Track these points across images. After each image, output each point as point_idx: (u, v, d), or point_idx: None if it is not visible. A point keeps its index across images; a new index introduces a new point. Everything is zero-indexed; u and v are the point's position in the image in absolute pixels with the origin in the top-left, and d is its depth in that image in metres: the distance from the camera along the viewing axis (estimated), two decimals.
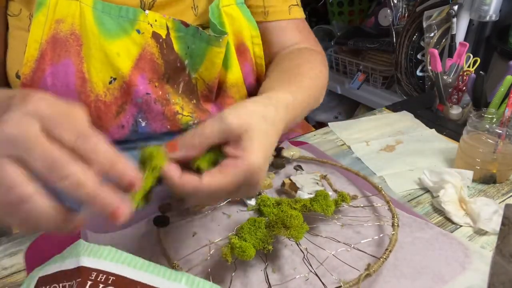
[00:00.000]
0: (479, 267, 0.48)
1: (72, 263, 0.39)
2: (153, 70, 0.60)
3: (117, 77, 0.58)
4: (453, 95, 0.82)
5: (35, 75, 0.55)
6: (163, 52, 0.60)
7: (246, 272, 0.48)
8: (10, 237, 0.55)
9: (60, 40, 0.54)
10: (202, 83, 0.63)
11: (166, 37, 0.59)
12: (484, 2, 1.01)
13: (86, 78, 0.56)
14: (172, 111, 0.62)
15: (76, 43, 0.55)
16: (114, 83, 0.57)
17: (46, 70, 0.55)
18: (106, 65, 0.57)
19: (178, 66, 0.61)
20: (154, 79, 0.60)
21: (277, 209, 0.50)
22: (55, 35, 0.54)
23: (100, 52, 0.56)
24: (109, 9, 0.56)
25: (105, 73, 0.57)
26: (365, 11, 1.87)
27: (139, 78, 0.59)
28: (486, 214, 0.54)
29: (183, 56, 0.61)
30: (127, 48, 0.58)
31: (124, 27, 0.57)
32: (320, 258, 0.48)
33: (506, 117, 0.63)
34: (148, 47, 0.59)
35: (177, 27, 0.60)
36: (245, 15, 0.65)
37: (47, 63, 0.55)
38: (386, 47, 1.59)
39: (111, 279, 0.37)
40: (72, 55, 0.55)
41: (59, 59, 0.55)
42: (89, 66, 0.56)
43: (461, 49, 0.81)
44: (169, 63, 0.60)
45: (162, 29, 0.59)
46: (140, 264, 0.39)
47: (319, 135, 0.80)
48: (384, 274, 0.47)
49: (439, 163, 0.70)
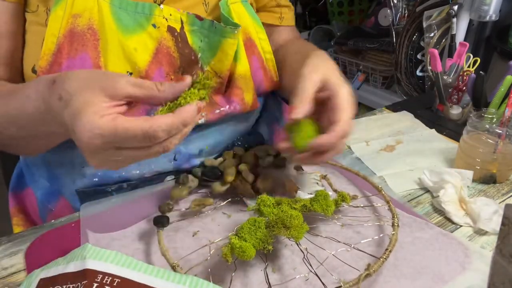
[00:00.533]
0: (479, 267, 0.48)
1: (77, 266, 0.39)
2: (169, 64, 0.61)
3: (134, 72, 0.58)
4: (453, 95, 0.82)
5: (51, 68, 0.55)
6: (178, 46, 0.61)
7: (246, 272, 0.48)
8: (10, 237, 0.55)
9: (77, 34, 0.55)
10: (214, 76, 0.64)
11: (180, 31, 0.61)
12: (484, 2, 1.01)
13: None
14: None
15: (93, 37, 0.56)
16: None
17: (63, 63, 0.55)
18: (123, 60, 0.57)
19: (192, 59, 0.62)
20: (171, 72, 0.62)
21: (277, 209, 0.50)
22: (73, 29, 0.55)
23: (117, 47, 0.57)
24: (126, 5, 0.57)
25: (122, 68, 0.58)
26: (365, 11, 1.87)
27: (156, 72, 0.60)
28: (486, 214, 0.54)
29: (196, 49, 0.62)
30: (144, 43, 0.59)
31: (141, 22, 0.58)
32: (320, 258, 0.48)
33: (506, 117, 0.63)
34: (164, 41, 0.60)
35: (192, 20, 0.61)
36: (249, 12, 0.68)
37: (64, 57, 0.55)
38: (386, 47, 1.59)
39: (116, 281, 0.38)
40: (89, 49, 0.56)
41: (76, 53, 0.55)
42: (106, 60, 0.56)
43: (461, 49, 0.81)
44: (184, 56, 0.62)
45: (176, 23, 0.60)
46: (145, 268, 0.40)
47: None
48: (384, 274, 0.47)
49: (439, 163, 0.70)
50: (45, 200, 0.69)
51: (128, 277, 0.39)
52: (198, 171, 0.62)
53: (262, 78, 0.71)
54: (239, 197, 0.60)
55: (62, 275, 0.39)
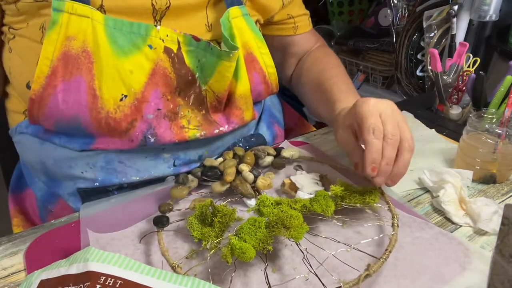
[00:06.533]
0: (479, 267, 0.48)
1: (79, 268, 0.40)
2: (166, 85, 0.60)
3: (129, 94, 0.58)
4: (453, 95, 0.82)
5: (45, 92, 0.55)
6: (175, 66, 0.60)
7: (246, 272, 0.48)
8: (10, 237, 0.55)
9: (71, 57, 0.55)
10: (212, 95, 0.63)
11: (177, 51, 0.60)
12: (484, 2, 1.01)
13: (97, 95, 0.56)
14: (178, 125, 0.63)
15: (87, 60, 0.55)
16: (124, 100, 0.58)
17: (58, 86, 0.55)
18: (118, 83, 0.57)
19: (189, 79, 0.62)
20: (167, 93, 0.61)
21: (277, 209, 0.50)
22: (67, 52, 0.54)
23: (112, 70, 0.56)
24: (121, 25, 0.56)
25: (117, 90, 0.57)
26: (365, 11, 1.87)
27: (152, 93, 0.59)
28: (486, 214, 0.54)
29: (194, 69, 0.62)
30: (140, 64, 0.58)
31: (136, 43, 0.58)
32: (320, 258, 0.48)
33: (506, 117, 0.63)
34: (160, 62, 0.59)
35: (188, 41, 0.60)
36: (250, 26, 0.68)
37: (59, 80, 0.55)
38: (386, 47, 1.58)
39: (118, 282, 0.38)
40: (83, 72, 0.55)
41: (71, 76, 0.55)
42: (101, 83, 0.56)
43: (461, 49, 0.81)
44: (181, 76, 0.61)
45: (173, 44, 0.60)
46: (147, 270, 0.41)
47: (319, 135, 0.80)
48: (384, 274, 0.47)
49: (439, 163, 0.70)
50: (44, 201, 0.69)
51: (130, 278, 0.39)
52: (198, 171, 0.62)
53: (262, 91, 0.71)
54: (239, 197, 0.60)
55: (63, 277, 0.39)
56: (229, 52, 0.59)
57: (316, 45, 0.83)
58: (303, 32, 0.80)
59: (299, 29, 0.79)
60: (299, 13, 0.79)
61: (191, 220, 0.51)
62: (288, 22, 0.78)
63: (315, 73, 0.77)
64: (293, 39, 0.80)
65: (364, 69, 1.70)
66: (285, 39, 0.79)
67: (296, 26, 0.78)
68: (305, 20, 0.80)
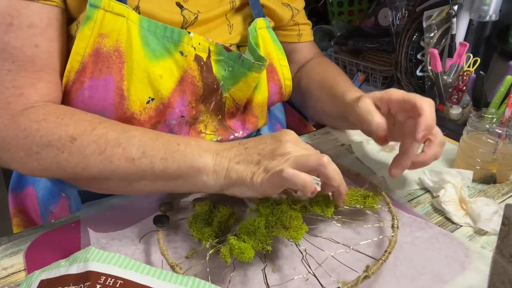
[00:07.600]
0: (479, 267, 0.48)
1: (79, 268, 0.40)
2: (193, 93, 0.60)
3: (156, 98, 0.58)
4: (453, 95, 0.82)
5: (73, 86, 0.55)
6: (203, 75, 0.60)
7: (245, 271, 0.48)
8: (10, 237, 0.55)
9: (102, 54, 0.54)
10: (231, 102, 0.64)
11: (206, 60, 0.60)
12: (484, 2, 1.01)
13: (125, 95, 0.56)
14: (196, 130, 0.63)
15: (118, 60, 0.55)
16: (151, 103, 0.58)
17: (85, 82, 0.54)
18: (146, 85, 0.56)
19: (214, 88, 0.62)
20: (193, 101, 0.61)
21: (277, 209, 0.50)
22: (98, 49, 0.54)
23: (142, 73, 0.56)
24: (155, 28, 0.56)
25: (145, 93, 0.57)
26: (365, 11, 1.87)
27: (178, 100, 0.59)
28: (486, 214, 0.54)
29: (220, 78, 0.62)
30: (170, 70, 0.58)
31: (168, 48, 0.57)
32: (320, 259, 0.48)
33: (506, 117, 0.63)
34: (190, 70, 0.59)
35: (219, 51, 0.60)
36: (273, 39, 0.69)
37: (87, 76, 0.54)
38: (386, 47, 1.58)
39: (119, 282, 0.38)
40: (113, 71, 0.55)
41: (100, 74, 0.54)
42: (130, 84, 0.55)
43: (461, 49, 0.81)
44: (207, 85, 0.61)
45: (204, 52, 0.60)
46: (147, 270, 0.41)
47: (319, 135, 0.80)
48: (384, 274, 0.47)
49: (439, 163, 0.70)
50: (46, 201, 0.69)
51: (130, 278, 0.39)
52: None
53: (275, 101, 0.72)
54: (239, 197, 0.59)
55: (64, 277, 0.39)
56: (261, 65, 0.60)
57: (316, 56, 0.85)
58: (306, 41, 0.81)
59: (303, 37, 0.80)
60: (304, 22, 0.80)
61: (191, 219, 0.51)
62: (294, 28, 0.79)
63: (317, 72, 0.77)
64: (297, 46, 0.81)
65: (364, 69, 1.70)
66: (289, 45, 0.80)
67: (300, 34, 0.79)
68: (308, 30, 0.82)
